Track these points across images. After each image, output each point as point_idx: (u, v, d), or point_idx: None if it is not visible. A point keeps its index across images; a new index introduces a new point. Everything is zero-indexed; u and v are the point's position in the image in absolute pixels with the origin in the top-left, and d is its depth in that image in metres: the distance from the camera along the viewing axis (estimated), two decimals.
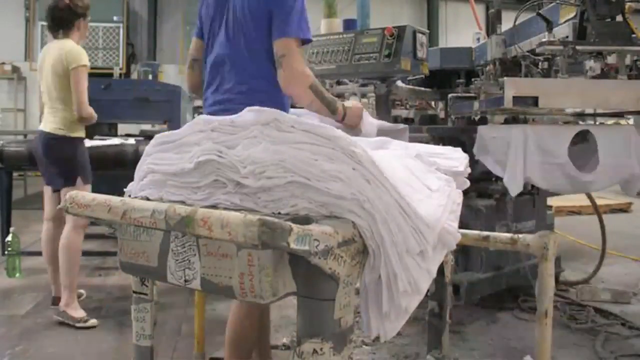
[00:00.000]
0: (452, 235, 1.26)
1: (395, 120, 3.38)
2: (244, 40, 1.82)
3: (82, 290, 3.27)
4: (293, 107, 1.99)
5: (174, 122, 4.92)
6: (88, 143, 3.33)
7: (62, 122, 2.96)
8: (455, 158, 1.53)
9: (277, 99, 1.81)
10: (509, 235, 1.65)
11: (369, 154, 1.06)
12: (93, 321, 2.89)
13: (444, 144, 3.12)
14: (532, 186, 3.44)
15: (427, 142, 2.91)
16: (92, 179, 3.06)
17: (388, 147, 1.48)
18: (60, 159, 2.96)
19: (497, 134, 2.47)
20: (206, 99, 1.96)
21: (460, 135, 3.08)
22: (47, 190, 3.10)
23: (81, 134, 3.04)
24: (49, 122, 2.98)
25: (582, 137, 2.42)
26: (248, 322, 1.84)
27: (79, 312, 2.89)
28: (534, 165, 2.29)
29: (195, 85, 2.07)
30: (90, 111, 2.95)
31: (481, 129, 2.58)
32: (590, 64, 2.20)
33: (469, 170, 1.55)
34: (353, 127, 1.86)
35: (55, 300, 3.03)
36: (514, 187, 2.32)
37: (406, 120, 3.53)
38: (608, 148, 2.32)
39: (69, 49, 2.96)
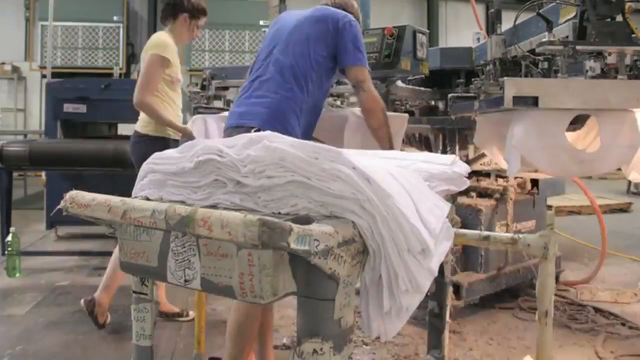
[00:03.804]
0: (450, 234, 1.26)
1: None
2: (293, 59, 2.03)
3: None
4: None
5: None
6: None
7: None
8: (447, 163, 1.53)
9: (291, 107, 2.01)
10: (509, 235, 1.65)
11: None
12: None
13: (443, 136, 3.13)
14: (533, 186, 3.45)
15: (426, 134, 2.90)
16: None
17: (380, 157, 1.48)
18: None
19: (495, 123, 2.45)
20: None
21: (460, 126, 3.06)
22: None
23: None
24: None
25: (581, 122, 2.40)
26: (251, 311, 1.90)
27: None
28: (535, 149, 2.23)
29: None
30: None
31: (480, 118, 2.56)
32: (590, 64, 2.19)
33: (468, 169, 1.54)
34: None
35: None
36: (513, 167, 2.27)
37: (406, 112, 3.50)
38: (611, 130, 2.26)
39: None
